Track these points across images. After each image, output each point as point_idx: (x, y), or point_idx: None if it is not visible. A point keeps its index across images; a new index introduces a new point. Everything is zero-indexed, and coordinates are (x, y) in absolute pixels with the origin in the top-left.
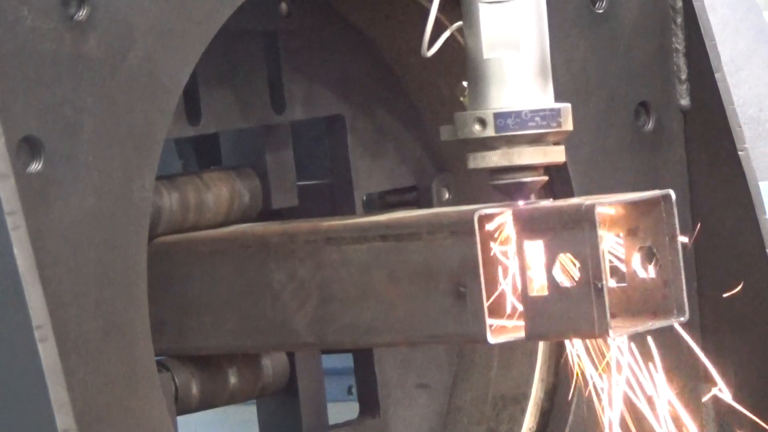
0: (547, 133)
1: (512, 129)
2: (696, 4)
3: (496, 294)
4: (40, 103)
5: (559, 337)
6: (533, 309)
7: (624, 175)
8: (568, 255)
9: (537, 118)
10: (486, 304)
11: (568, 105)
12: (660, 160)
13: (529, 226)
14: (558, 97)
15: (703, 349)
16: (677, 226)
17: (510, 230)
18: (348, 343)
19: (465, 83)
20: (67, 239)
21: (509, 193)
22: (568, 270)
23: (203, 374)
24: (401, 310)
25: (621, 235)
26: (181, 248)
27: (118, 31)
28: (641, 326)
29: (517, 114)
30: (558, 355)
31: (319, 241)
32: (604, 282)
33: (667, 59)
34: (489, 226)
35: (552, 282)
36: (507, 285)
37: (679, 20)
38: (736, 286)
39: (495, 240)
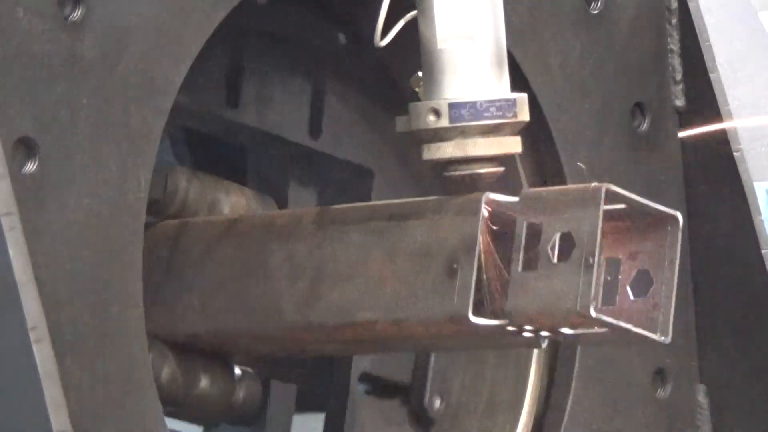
0: (503, 124)
1: (467, 119)
2: (691, 4)
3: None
4: (36, 104)
5: (540, 312)
6: (519, 284)
7: (619, 176)
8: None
9: (492, 109)
10: (474, 281)
11: (524, 95)
12: (655, 161)
13: (533, 205)
14: (553, 98)
15: (700, 350)
16: (679, 251)
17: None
18: (331, 322)
19: (420, 73)
20: (63, 240)
21: (464, 185)
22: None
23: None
24: (390, 288)
25: (621, 259)
26: (187, 228)
27: (114, 32)
28: (625, 323)
29: (472, 104)
30: (552, 359)
31: (325, 222)
32: (596, 259)
33: (662, 60)
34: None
35: (544, 258)
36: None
37: (675, 21)
38: (732, 288)
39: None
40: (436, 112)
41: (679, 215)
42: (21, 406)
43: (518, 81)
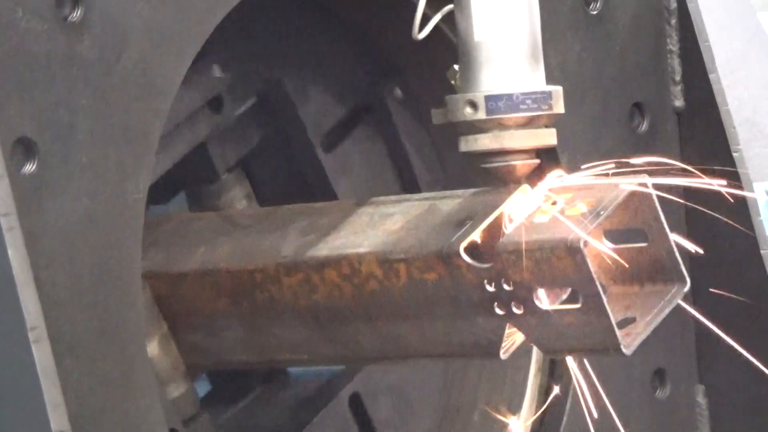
0: (539, 116)
1: (503, 112)
2: (690, 5)
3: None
4: (35, 104)
5: (530, 246)
6: (524, 226)
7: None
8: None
9: (528, 101)
10: (481, 229)
11: (559, 87)
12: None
13: (570, 188)
14: None
15: (699, 350)
16: (670, 309)
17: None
18: (319, 258)
19: (456, 66)
20: (62, 240)
21: (501, 176)
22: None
23: None
24: (396, 236)
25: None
26: (230, 213)
27: (113, 32)
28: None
29: (509, 97)
30: (552, 359)
31: (363, 204)
32: (604, 214)
33: (661, 60)
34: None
35: (558, 212)
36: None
37: (674, 21)
38: (731, 288)
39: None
40: (473, 105)
41: (688, 283)
42: (20, 406)
43: None
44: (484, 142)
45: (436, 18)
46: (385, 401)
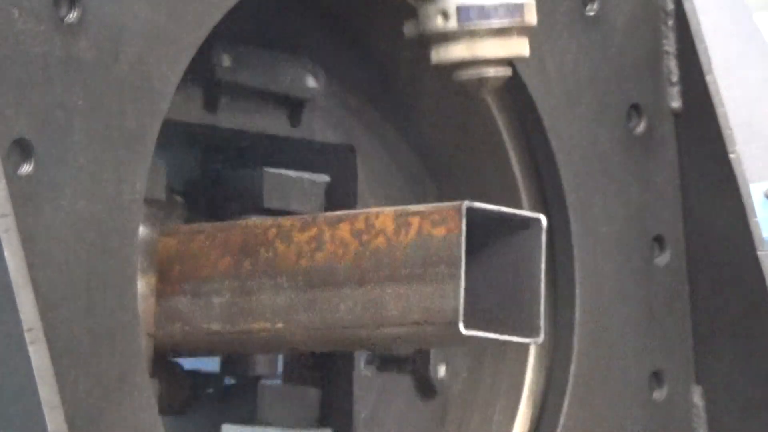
0: (511, 26)
1: (475, 21)
2: (687, 6)
3: None
4: (31, 105)
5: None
6: None
7: (615, 178)
8: None
9: (501, 11)
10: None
11: (532, 0)
12: (651, 163)
13: None
14: (549, 99)
15: (696, 351)
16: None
17: None
18: (338, 214)
19: None
20: (58, 242)
21: (473, 88)
22: None
23: None
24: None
25: None
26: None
27: (110, 33)
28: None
29: (480, 6)
30: (549, 361)
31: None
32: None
33: (658, 62)
34: None
35: None
36: None
37: (671, 23)
38: (728, 289)
39: None
40: (445, 14)
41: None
42: (17, 407)
43: (515, 82)
44: (456, 51)
45: None
46: None
